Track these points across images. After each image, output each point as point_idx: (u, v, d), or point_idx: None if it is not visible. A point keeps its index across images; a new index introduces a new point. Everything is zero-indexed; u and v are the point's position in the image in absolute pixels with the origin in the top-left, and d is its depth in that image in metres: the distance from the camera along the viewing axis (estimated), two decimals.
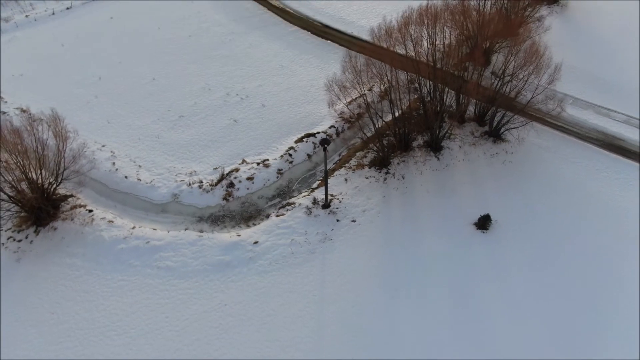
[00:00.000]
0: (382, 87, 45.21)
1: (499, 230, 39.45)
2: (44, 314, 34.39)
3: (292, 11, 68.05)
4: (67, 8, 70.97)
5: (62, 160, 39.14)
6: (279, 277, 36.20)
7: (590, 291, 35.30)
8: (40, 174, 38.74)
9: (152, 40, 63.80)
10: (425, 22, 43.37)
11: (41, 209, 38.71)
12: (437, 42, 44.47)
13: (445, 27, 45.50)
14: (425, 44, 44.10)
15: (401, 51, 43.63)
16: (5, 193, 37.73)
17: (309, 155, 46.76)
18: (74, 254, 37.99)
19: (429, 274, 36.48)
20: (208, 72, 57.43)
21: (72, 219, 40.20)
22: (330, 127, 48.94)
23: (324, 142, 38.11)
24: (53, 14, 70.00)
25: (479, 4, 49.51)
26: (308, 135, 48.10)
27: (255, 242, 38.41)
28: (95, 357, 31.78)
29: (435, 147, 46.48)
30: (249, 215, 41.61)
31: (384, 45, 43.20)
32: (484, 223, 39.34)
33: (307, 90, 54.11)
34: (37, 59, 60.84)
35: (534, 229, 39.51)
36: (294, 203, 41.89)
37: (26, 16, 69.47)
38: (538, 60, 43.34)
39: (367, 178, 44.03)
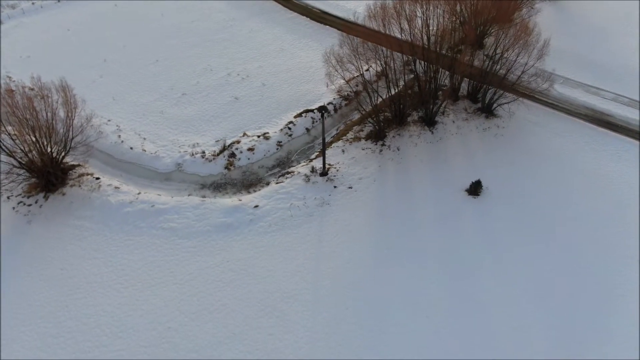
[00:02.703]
0: (379, 66, 46.75)
1: (489, 196, 41.08)
2: (54, 270, 35.94)
3: None
4: None
5: (71, 128, 40.74)
6: (278, 237, 37.83)
7: (576, 251, 36.80)
8: (50, 141, 40.32)
9: (155, 25, 65.65)
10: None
11: (50, 173, 40.31)
12: (431, 22, 46.20)
13: (438, 8, 47.19)
14: (419, 22, 45.76)
15: (396, 30, 45.23)
16: (15, 158, 39.29)
17: (307, 129, 48.49)
18: (82, 217, 39.61)
19: (420, 235, 38.04)
20: (210, 55, 59.24)
21: (80, 186, 41.86)
22: (328, 104, 50.61)
23: (322, 109, 39.77)
24: (59, 1, 71.81)
25: None
26: (307, 111, 49.82)
27: (256, 206, 40.04)
28: (103, 307, 33.31)
29: (429, 122, 48.20)
30: (249, 183, 43.29)
31: (380, 22, 44.82)
32: (475, 189, 40.97)
33: (306, 71, 55.93)
34: (44, 42, 62.62)
35: (524, 195, 41.11)
36: (293, 172, 43.60)
37: (33, 3, 71.21)
38: (527, 37, 45.08)
39: (363, 149, 45.73)
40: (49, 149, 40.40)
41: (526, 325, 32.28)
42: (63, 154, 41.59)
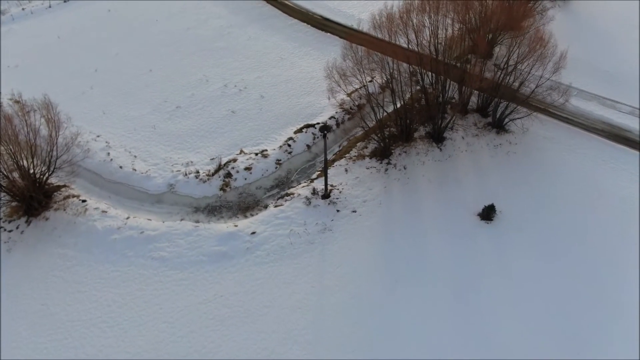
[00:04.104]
0: (384, 78, 44.06)
1: (503, 221, 38.36)
2: (34, 305, 33.20)
3: (291, 4, 67.09)
4: (65, 0, 69.97)
5: (55, 148, 38.05)
6: (277, 268, 35.08)
7: (596, 284, 34.14)
8: (32, 162, 37.62)
9: (149, 32, 62.78)
10: (427, 9, 42.28)
11: (33, 197, 37.61)
12: (440, 32, 43.47)
13: (447, 17, 44.44)
14: (427, 32, 43.01)
15: (403, 41, 42.57)
16: None
17: (308, 146, 45.70)
18: (65, 245, 36.85)
19: (431, 265, 35.35)
20: (206, 64, 56.40)
21: (64, 209, 39.11)
22: (330, 118, 47.88)
23: (324, 129, 37.06)
24: (50, 7, 69.06)
25: None
26: (307, 126, 47.03)
27: (253, 233, 37.30)
28: (85, 349, 30.56)
29: (437, 138, 45.44)
30: (246, 206, 40.52)
31: (385, 34, 42.12)
32: (488, 213, 38.24)
33: (306, 82, 53.11)
34: (33, 50, 59.77)
35: (540, 220, 38.41)
36: (292, 193, 40.79)
37: (22, 9, 68.45)
38: (543, 48, 42.31)
39: (367, 169, 42.98)
40: (30, 171, 37.67)
41: None
42: (47, 175, 38.86)
